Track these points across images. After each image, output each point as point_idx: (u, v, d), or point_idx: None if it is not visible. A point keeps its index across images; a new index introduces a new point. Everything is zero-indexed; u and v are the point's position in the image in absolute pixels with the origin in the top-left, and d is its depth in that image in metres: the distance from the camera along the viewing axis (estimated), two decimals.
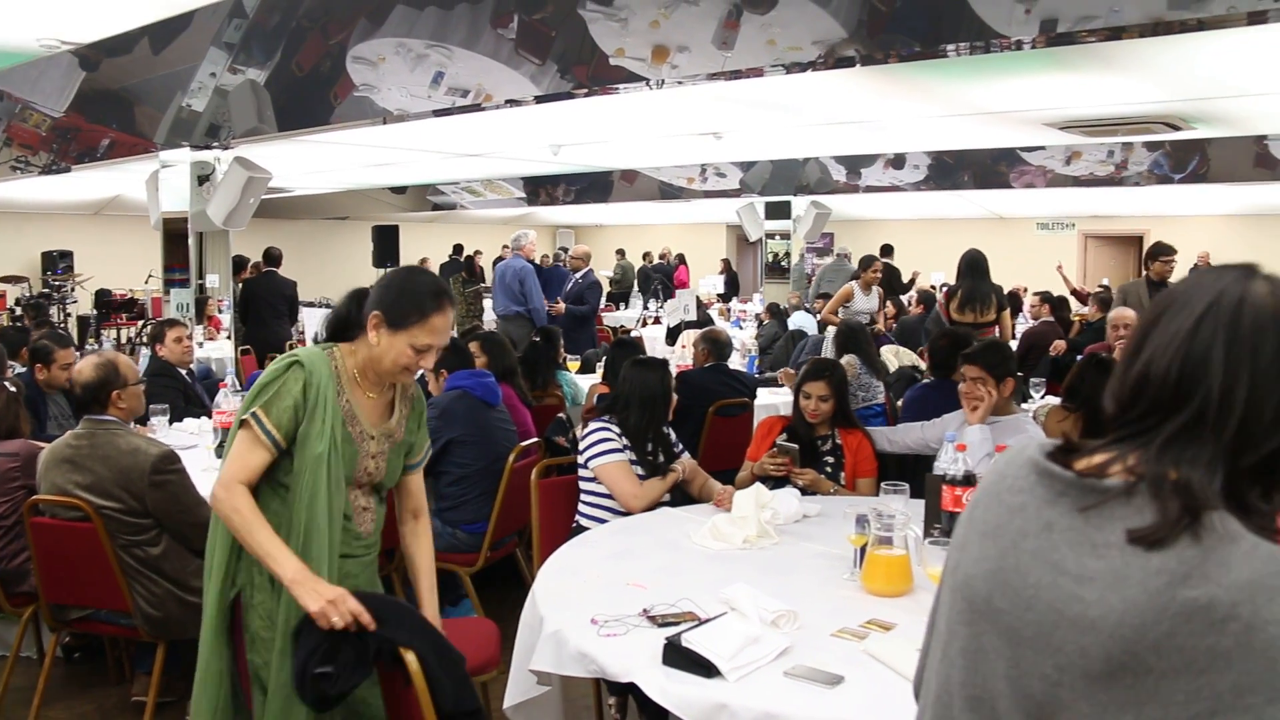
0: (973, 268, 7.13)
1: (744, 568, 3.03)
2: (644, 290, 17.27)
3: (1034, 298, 9.94)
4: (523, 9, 5.12)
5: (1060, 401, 4.83)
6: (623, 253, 19.91)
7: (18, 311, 12.97)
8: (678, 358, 7.60)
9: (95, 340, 13.26)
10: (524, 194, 14.32)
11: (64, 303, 14.09)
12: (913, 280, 14.74)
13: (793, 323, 9.62)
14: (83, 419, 3.66)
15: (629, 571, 2.98)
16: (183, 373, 5.88)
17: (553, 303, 9.36)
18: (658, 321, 12.82)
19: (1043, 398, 6.46)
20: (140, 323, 13.88)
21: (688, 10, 4.62)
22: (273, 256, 10.40)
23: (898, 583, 2.78)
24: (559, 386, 6.29)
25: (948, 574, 1.33)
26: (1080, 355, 6.04)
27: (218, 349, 8.09)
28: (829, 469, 4.15)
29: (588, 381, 6.67)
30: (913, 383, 6.47)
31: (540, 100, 5.31)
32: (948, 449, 3.19)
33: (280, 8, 6.05)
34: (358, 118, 5.99)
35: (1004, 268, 8.02)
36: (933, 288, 12.85)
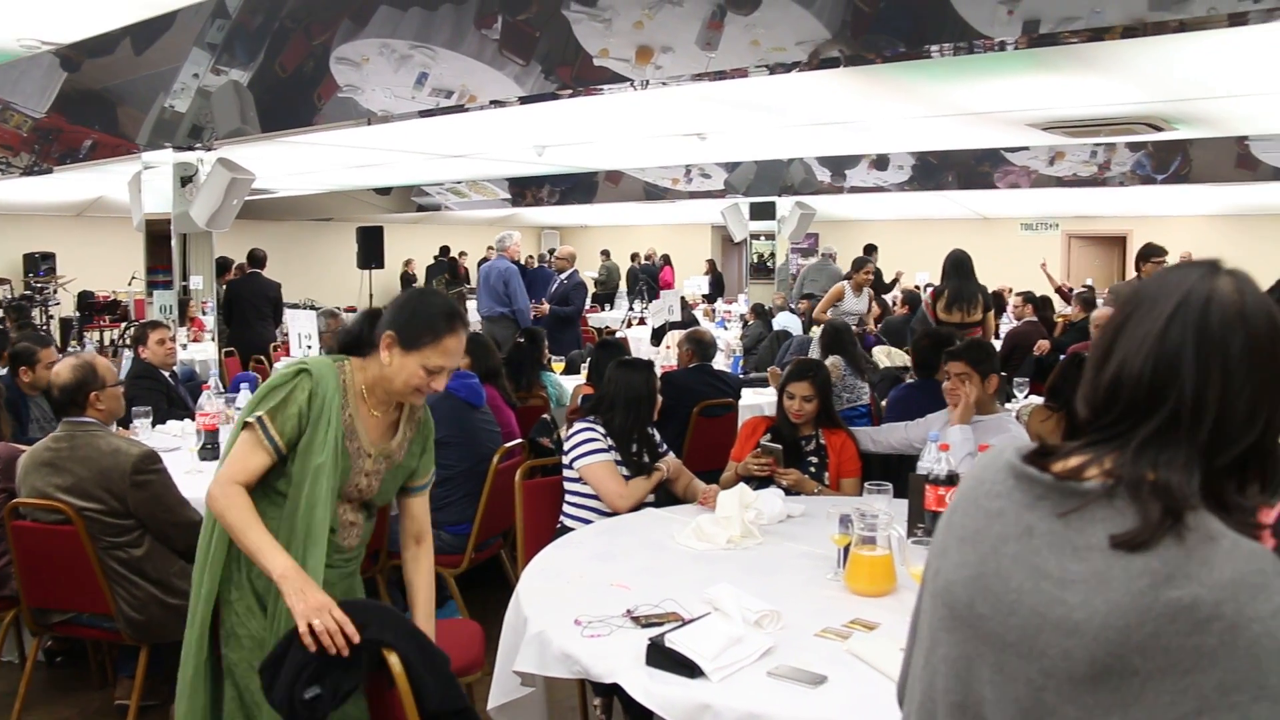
0: (959, 267, 7.15)
1: (728, 568, 3.03)
2: (631, 291, 17.29)
3: (1017, 298, 9.97)
4: (507, 10, 5.11)
5: (1043, 401, 4.85)
6: (608, 253, 19.89)
7: None
8: (662, 358, 7.60)
9: (78, 342, 13.20)
10: (509, 195, 14.29)
11: (46, 305, 14.00)
12: (895, 280, 14.78)
13: (777, 323, 9.62)
14: (61, 421, 3.64)
15: (613, 572, 2.98)
16: (165, 375, 5.85)
17: (537, 303, 9.36)
18: (643, 322, 12.81)
19: (1026, 397, 6.48)
20: (123, 325, 13.82)
21: (671, 11, 4.62)
22: (257, 258, 10.36)
23: (881, 582, 2.79)
24: (543, 388, 6.28)
25: (928, 580, 1.32)
26: (1064, 355, 6.06)
27: (202, 351, 8.06)
28: (813, 469, 4.15)
29: (572, 382, 6.66)
30: (897, 383, 6.49)
31: (524, 101, 5.31)
32: (931, 448, 3.20)
33: (263, 8, 6.03)
34: (342, 119, 5.98)
35: (988, 268, 8.04)
36: (917, 288, 12.88)
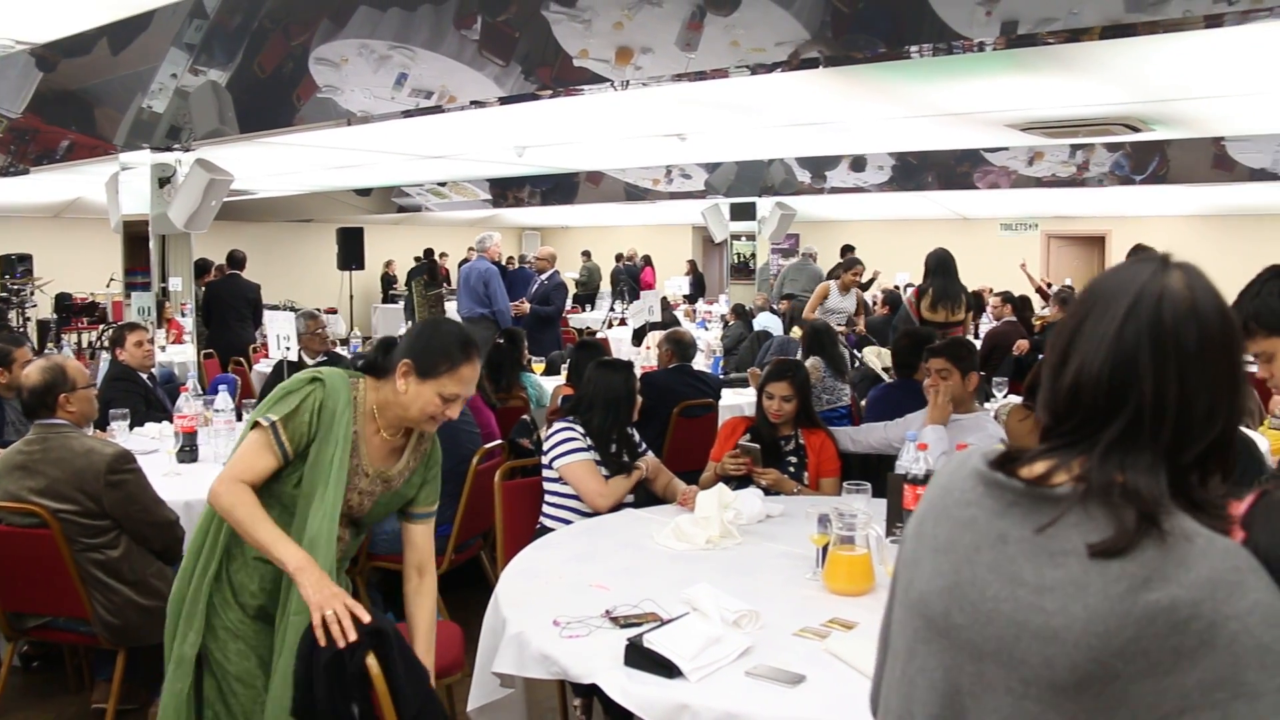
0: (944, 266, 7.21)
1: (707, 568, 3.04)
2: (613, 291, 17.29)
3: (996, 298, 10.02)
4: (486, 10, 5.10)
5: (1022, 400, 4.87)
6: (588, 254, 19.87)
7: None
8: (642, 359, 7.61)
9: (55, 345, 13.09)
10: (489, 196, 14.26)
11: (23, 307, 13.89)
12: (872, 280, 14.79)
13: (758, 324, 9.64)
14: (33, 424, 3.62)
15: (592, 573, 2.98)
16: (143, 377, 5.82)
17: (518, 303, 9.35)
18: (624, 323, 12.81)
19: (1005, 397, 6.51)
20: (101, 327, 13.73)
21: (651, 11, 4.62)
22: (236, 259, 10.32)
23: (859, 581, 2.80)
24: (523, 388, 6.27)
25: (900, 592, 1.31)
26: (1042, 355, 6.09)
27: (180, 353, 8.01)
28: (792, 469, 4.16)
29: (552, 383, 6.66)
30: (876, 382, 6.51)
31: (504, 102, 5.29)
32: (909, 448, 3.21)
33: (242, 8, 5.99)
34: (321, 119, 5.95)
35: (968, 268, 8.06)
36: (896, 288, 12.91)
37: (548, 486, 3.91)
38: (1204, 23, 3.54)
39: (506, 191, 14.05)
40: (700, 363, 7.49)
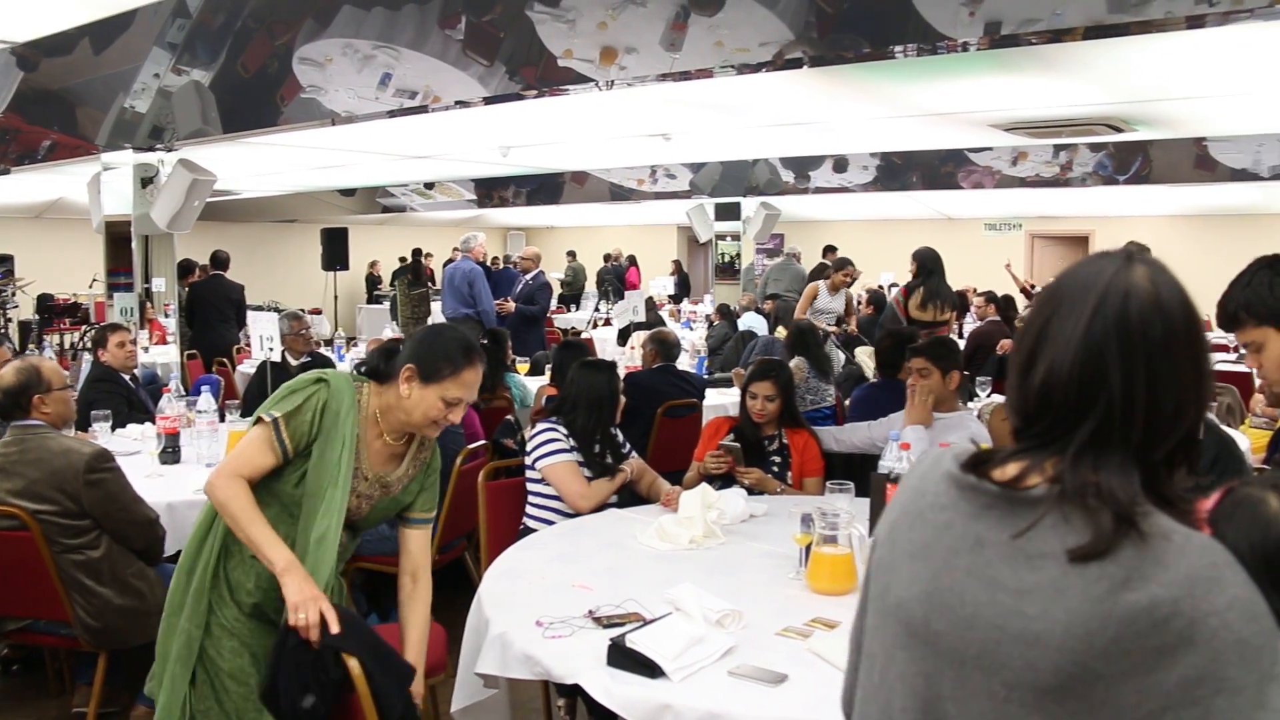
0: (934, 264, 7.25)
1: (690, 568, 3.04)
2: (599, 291, 17.28)
3: (979, 298, 10.06)
4: (470, 10, 5.09)
5: (1005, 399, 4.88)
6: (574, 254, 19.86)
7: None
8: (627, 359, 7.60)
9: (37, 346, 13.02)
10: (474, 196, 14.24)
11: (5, 308, 13.80)
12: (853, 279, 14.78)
13: (742, 324, 9.64)
14: (9, 426, 3.60)
15: (575, 573, 2.98)
16: (126, 378, 5.79)
17: (502, 302, 9.34)
18: (608, 323, 12.80)
19: (989, 396, 6.53)
20: (83, 328, 13.65)
21: (635, 11, 4.62)
22: (220, 260, 10.27)
23: (842, 581, 2.80)
24: (507, 389, 6.25)
25: (875, 597, 1.30)
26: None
27: (163, 353, 7.98)
28: (776, 468, 4.17)
29: (536, 383, 6.65)
30: (860, 382, 6.52)
31: (489, 101, 5.28)
32: (892, 447, 3.22)
33: (225, 8, 5.97)
34: (305, 119, 5.93)
35: (953, 268, 8.07)
36: (881, 288, 12.93)
37: (531, 487, 3.91)
38: (1185, 24, 3.56)
39: (492, 191, 14.04)
40: (685, 363, 7.49)
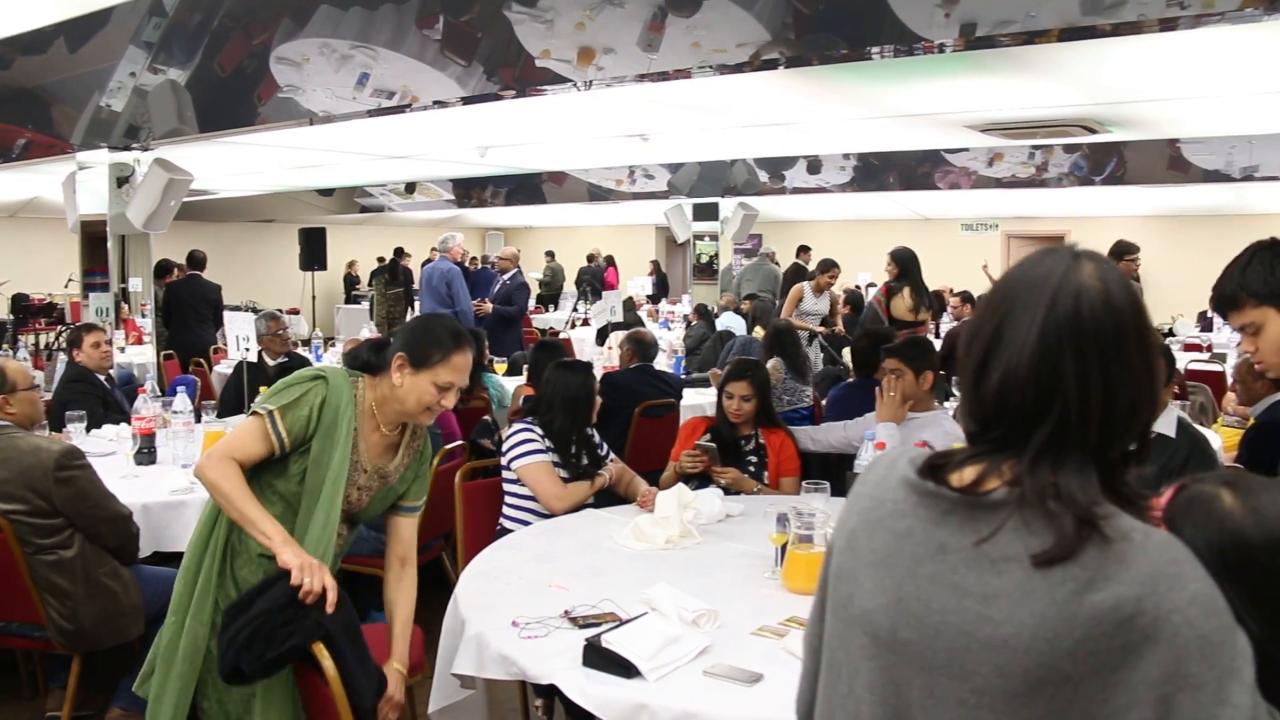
0: (915, 264, 7.33)
1: (666, 568, 3.05)
2: (578, 292, 17.27)
3: (956, 298, 10.11)
4: (448, 10, 5.08)
5: (958, 405, 4.91)
6: (552, 254, 19.85)
7: None
8: (605, 359, 7.61)
9: (11, 346, 12.92)
10: (453, 196, 14.22)
11: None
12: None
13: (720, 324, 9.66)
14: None
15: (551, 573, 2.99)
16: (101, 379, 5.76)
17: (480, 302, 9.33)
18: (586, 323, 12.80)
19: None
20: (59, 328, 13.56)
21: (613, 12, 4.63)
22: (197, 260, 10.23)
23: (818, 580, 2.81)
24: (484, 389, 6.25)
25: (837, 607, 1.29)
26: None
27: (140, 354, 7.94)
28: (752, 468, 4.18)
29: (514, 384, 6.64)
30: (837, 382, 6.54)
31: (467, 102, 5.28)
32: (867, 447, 3.24)
33: (201, 6, 5.94)
34: (282, 119, 5.91)
35: (929, 268, 8.12)
36: (858, 287, 12.98)
37: (507, 488, 3.91)
38: (1158, 26, 3.59)
39: (470, 192, 14.01)
40: (662, 363, 7.50)
